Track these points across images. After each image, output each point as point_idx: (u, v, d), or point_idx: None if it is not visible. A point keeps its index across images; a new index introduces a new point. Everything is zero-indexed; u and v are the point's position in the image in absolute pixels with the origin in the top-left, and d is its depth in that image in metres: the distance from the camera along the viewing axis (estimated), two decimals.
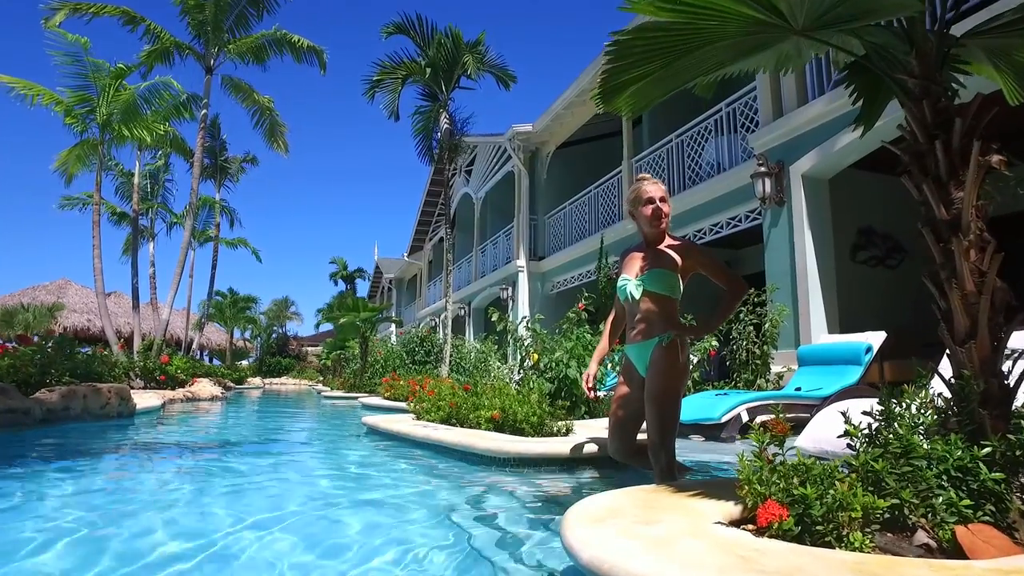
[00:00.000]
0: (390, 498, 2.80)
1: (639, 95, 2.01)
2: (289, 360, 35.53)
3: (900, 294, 7.75)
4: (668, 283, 2.78)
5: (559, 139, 15.37)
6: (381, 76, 10.51)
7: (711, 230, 9.49)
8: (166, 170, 20.28)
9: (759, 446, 1.58)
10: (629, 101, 2.01)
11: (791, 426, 2.03)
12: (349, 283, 39.63)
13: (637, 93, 1.96)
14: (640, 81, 1.88)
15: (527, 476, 3.11)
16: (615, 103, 1.96)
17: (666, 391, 2.72)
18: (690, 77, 2.05)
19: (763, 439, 1.59)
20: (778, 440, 1.61)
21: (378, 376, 14.13)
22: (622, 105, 2.00)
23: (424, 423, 4.65)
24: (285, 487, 3.13)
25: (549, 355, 5.73)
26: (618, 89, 1.88)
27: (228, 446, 4.76)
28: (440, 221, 25.61)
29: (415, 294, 31.55)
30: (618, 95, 1.91)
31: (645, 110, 2.15)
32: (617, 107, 2.01)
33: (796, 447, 3.79)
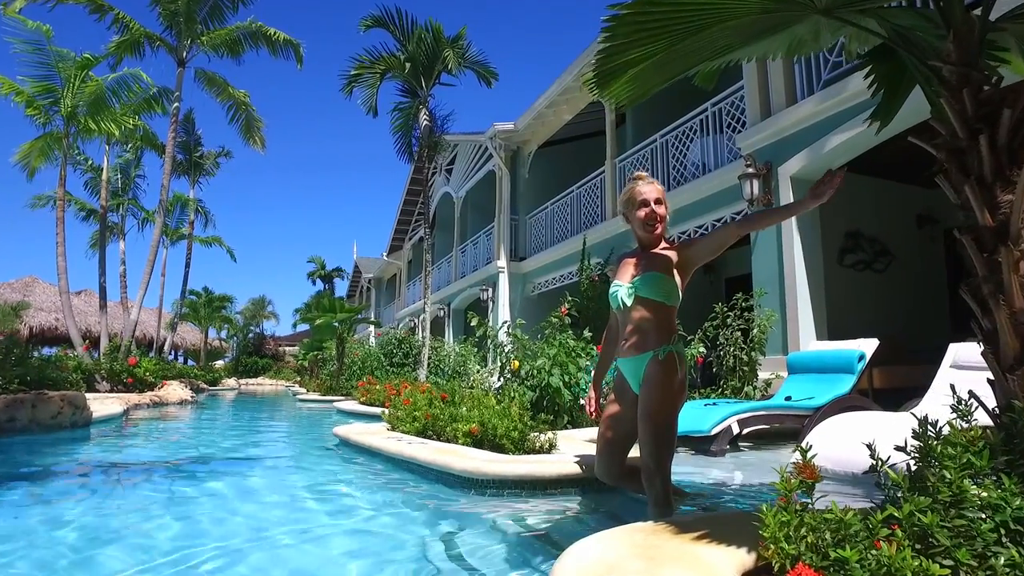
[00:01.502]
0: (356, 529, 2.54)
1: (638, 82, 1.77)
2: (266, 360, 34.83)
3: (887, 299, 7.64)
4: (663, 288, 2.53)
5: (541, 138, 15.15)
6: (359, 71, 10.17)
7: (696, 232, 9.31)
8: (137, 166, 19.67)
9: (784, 493, 1.34)
10: (626, 88, 1.77)
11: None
12: (327, 283, 39.03)
13: (636, 79, 1.72)
14: (640, 64, 1.64)
15: (508, 499, 2.86)
16: (611, 89, 1.72)
17: (661, 410, 2.48)
18: (695, 62, 1.82)
19: (791, 486, 1.35)
20: (807, 487, 1.38)
21: (355, 378, 13.78)
22: (619, 92, 1.76)
23: (398, 435, 4.38)
24: (238, 516, 2.83)
25: (531, 362, 5.49)
26: (615, 73, 1.64)
27: (184, 463, 4.44)
28: (420, 220, 25.26)
29: (394, 294, 31.14)
30: (615, 80, 1.67)
31: (642, 99, 1.91)
32: (613, 94, 1.77)
33: (792, 463, 3.59)
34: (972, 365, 4.14)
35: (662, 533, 1.71)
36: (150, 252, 13.66)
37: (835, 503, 1.30)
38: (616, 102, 1.87)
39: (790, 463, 1.44)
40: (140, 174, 20.12)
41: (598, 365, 2.98)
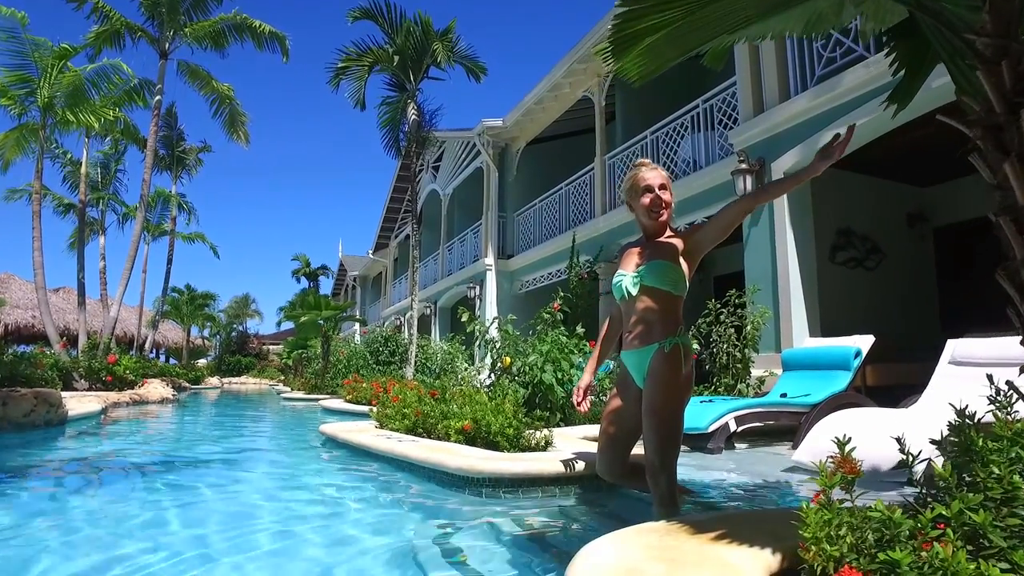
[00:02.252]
0: (344, 530, 2.41)
1: (652, 54, 1.67)
2: (249, 359, 34.43)
3: (878, 297, 7.62)
4: (670, 276, 2.43)
5: (530, 135, 15.05)
6: (346, 63, 9.99)
7: (686, 228, 9.25)
8: (118, 160, 19.28)
9: (825, 489, 1.24)
10: (640, 61, 1.67)
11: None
12: (312, 280, 38.62)
13: (650, 51, 1.62)
14: (657, 32, 1.53)
15: (505, 500, 2.75)
16: (624, 60, 1.62)
17: (667, 405, 2.38)
18: (710, 35, 1.72)
19: (831, 481, 1.25)
20: (848, 482, 1.28)
21: (340, 376, 13.59)
22: (631, 65, 1.66)
23: (388, 433, 4.25)
24: (218, 517, 2.69)
25: (522, 359, 5.38)
26: (631, 41, 1.53)
27: (164, 463, 4.28)
28: (407, 218, 25.05)
29: (379, 292, 30.88)
30: (630, 49, 1.56)
31: (654, 75, 1.81)
32: (626, 68, 1.67)
33: (795, 461, 3.52)
34: (970, 361, 4.10)
35: (676, 534, 1.61)
36: (131, 248, 13.39)
37: (880, 501, 1.20)
38: (629, 77, 1.77)
39: (828, 458, 1.34)
40: (121, 168, 19.75)
41: (593, 357, 2.87)
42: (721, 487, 3.19)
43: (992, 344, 4.03)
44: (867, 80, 5.78)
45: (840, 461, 1.29)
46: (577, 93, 12.61)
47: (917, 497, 1.46)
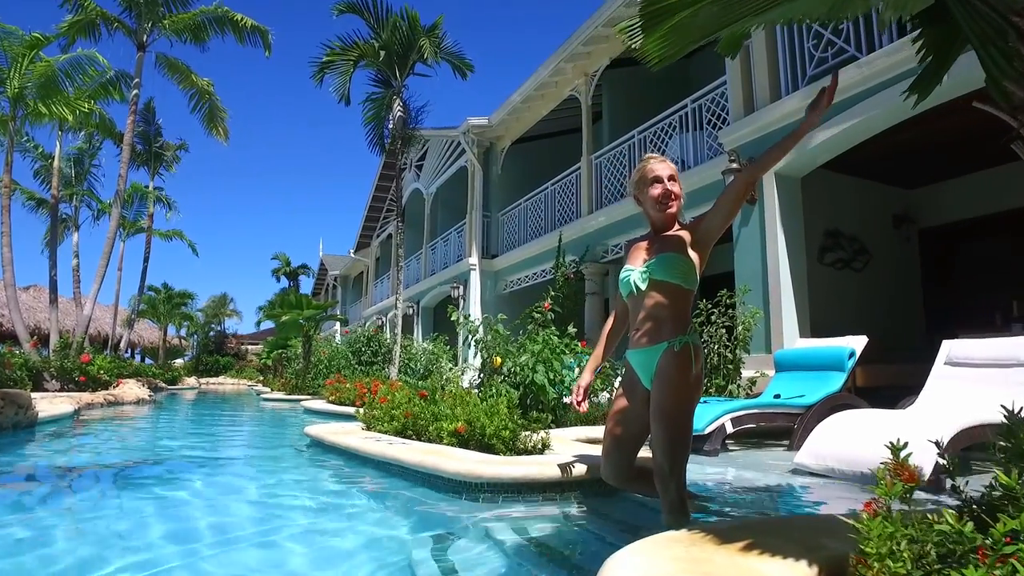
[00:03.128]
0: (333, 544, 2.28)
1: (677, 34, 1.57)
2: (227, 359, 33.87)
3: (865, 298, 7.64)
4: (680, 269, 2.33)
5: (515, 134, 14.95)
6: (331, 57, 9.79)
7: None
8: (92, 155, 18.80)
9: (884, 499, 1.15)
10: (663, 41, 1.57)
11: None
12: (292, 280, 38.09)
13: (676, 31, 1.51)
14: (688, 8, 1.43)
15: (503, 505, 2.64)
16: (649, 40, 1.51)
17: (677, 407, 2.28)
18: (738, 15, 1.62)
19: (892, 491, 1.16)
20: (907, 491, 1.18)
21: (321, 377, 13.37)
22: (654, 46, 1.56)
23: (377, 435, 4.11)
24: (199, 525, 2.54)
25: (514, 359, 5.27)
26: (662, 16, 1.43)
27: (140, 467, 4.10)
28: (389, 217, 24.80)
29: (361, 292, 30.58)
30: (662, 24, 1.46)
31: (674, 58, 1.71)
32: (648, 49, 1.57)
33: (796, 464, 3.45)
34: (966, 362, 4.08)
35: (703, 544, 1.50)
36: (106, 245, 13.02)
37: (947, 511, 1.10)
38: (649, 59, 1.67)
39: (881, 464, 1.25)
40: (96, 164, 19.24)
41: (594, 355, 2.77)
42: (723, 490, 3.11)
43: (988, 345, 4.01)
44: (859, 80, 5.77)
45: (897, 467, 1.19)
46: (564, 92, 12.54)
47: (964, 506, 1.37)
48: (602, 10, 9.97)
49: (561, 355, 5.28)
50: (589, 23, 10.38)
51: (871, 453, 3.06)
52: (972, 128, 6.56)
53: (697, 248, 2.37)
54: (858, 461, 3.06)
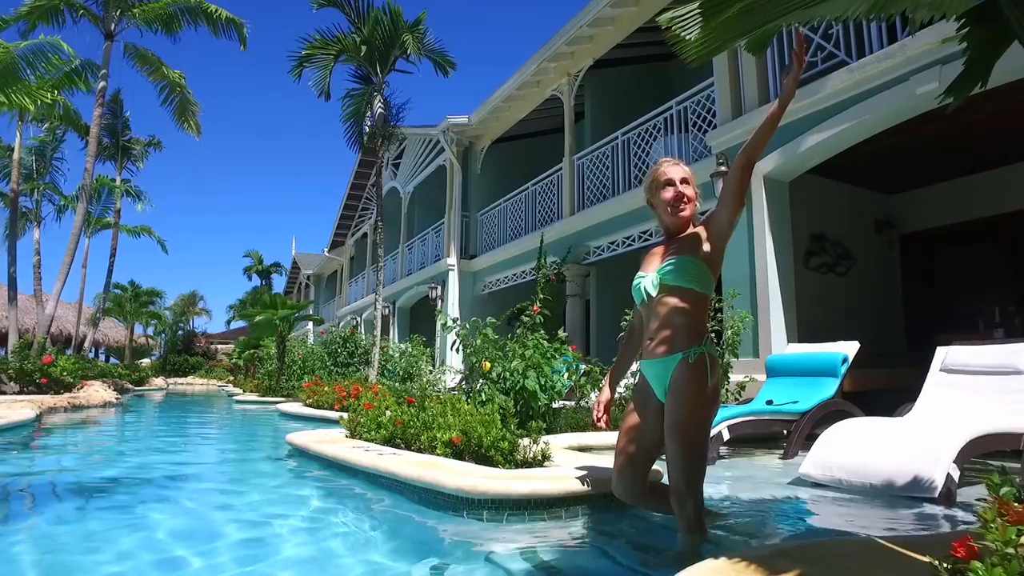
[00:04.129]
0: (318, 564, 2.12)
1: (719, 31, 1.46)
2: (196, 359, 33.04)
3: (849, 302, 7.67)
4: (692, 272, 2.22)
5: (495, 133, 14.82)
6: (311, 51, 9.53)
7: (658, 231, 9.17)
8: (55, 147, 18.12)
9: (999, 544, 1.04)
10: (707, 35, 1.45)
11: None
12: (265, 278, 37.36)
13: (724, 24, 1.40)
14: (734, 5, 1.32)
15: (508, 523, 2.49)
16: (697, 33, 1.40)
17: (693, 422, 2.18)
18: (783, 11, 1.52)
19: (1006, 537, 1.04)
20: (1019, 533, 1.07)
21: (295, 378, 13.07)
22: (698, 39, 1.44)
23: (364, 444, 3.94)
24: (173, 542, 2.35)
25: (503, 363, 5.13)
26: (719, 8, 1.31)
27: (109, 478, 3.85)
28: (364, 216, 24.46)
29: (334, 291, 30.14)
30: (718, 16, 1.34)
31: (712, 55, 1.61)
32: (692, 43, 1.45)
33: (802, 475, 3.38)
34: (962, 368, 4.06)
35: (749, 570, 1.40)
36: (70, 241, 12.52)
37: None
38: (688, 56, 1.56)
39: (981, 502, 1.14)
40: (59, 156, 18.57)
41: (614, 367, 2.67)
42: (732, 504, 3.01)
43: (984, 352, 4.00)
44: (850, 85, 5.76)
45: (1001, 504, 1.08)
46: (546, 92, 12.44)
47: None
48: (588, 9, 9.89)
49: (552, 360, 5.16)
50: (574, 22, 10.29)
51: (879, 464, 3.00)
52: (952, 135, 6.63)
53: (712, 246, 2.27)
54: (866, 472, 2.99)
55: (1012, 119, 6.24)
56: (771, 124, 2.14)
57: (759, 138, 2.17)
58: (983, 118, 6.08)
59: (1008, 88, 4.98)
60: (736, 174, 2.17)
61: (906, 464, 2.87)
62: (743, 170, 2.16)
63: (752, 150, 2.17)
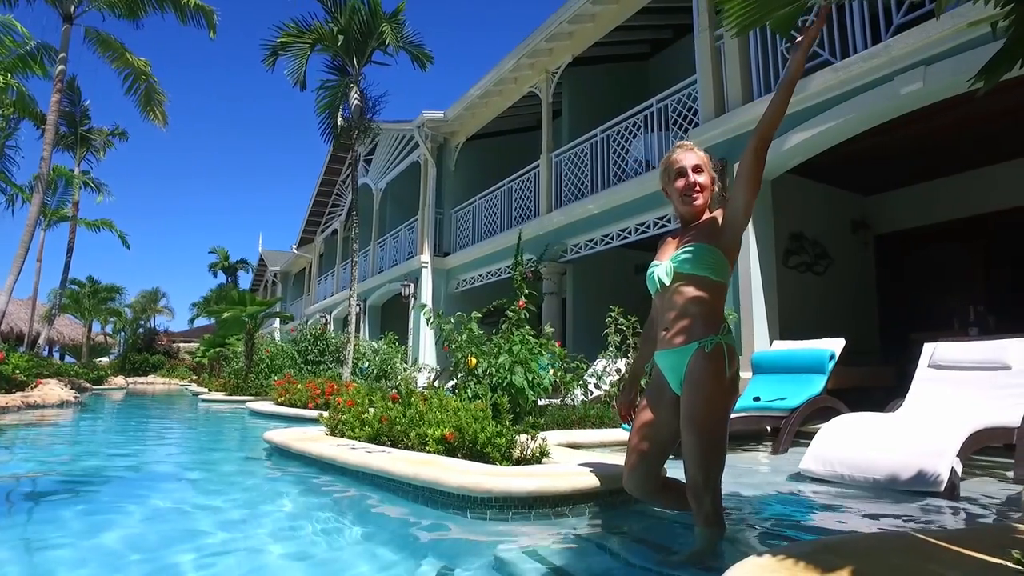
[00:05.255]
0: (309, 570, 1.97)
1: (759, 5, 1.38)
2: (158, 357, 32.05)
3: (826, 301, 7.76)
4: (707, 259, 2.14)
5: (470, 130, 14.68)
6: (286, 39, 9.25)
7: (637, 229, 9.17)
8: (8, 135, 17.34)
9: None
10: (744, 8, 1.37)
11: None
12: (231, 275, 36.45)
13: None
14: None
15: (514, 522, 2.38)
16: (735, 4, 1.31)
17: (711, 415, 2.10)
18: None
19: None
20: None
21: (263, 377, 12.73)
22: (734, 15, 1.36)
23: (348, 442, 3.79)
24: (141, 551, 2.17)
25: (489, 360, 5.01)
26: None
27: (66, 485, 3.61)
28: (334, 212, 24.04)
29: (302, 289, 29.59)
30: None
31: (748, 30, 1.53)
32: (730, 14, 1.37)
33: (803, 470, 3.34)
34: (950, 364, 4.09)
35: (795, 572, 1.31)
36: (25, 233, 11.97)
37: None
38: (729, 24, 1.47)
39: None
40: (11, 145, 17.75)
41: (635, 364, 2.59)
42: (734, 500, 2.94)
43: (971, 348, 4.04)
44: (835, 84, 5.79)
45: None
46: (523, 88, 12.35)
47: None
48: (569, 4, 9.82)
49: (538, 356, 5.07)
50: (555, 18, 10.22)
51: (882, 459, 2.98)
52: (928, 138, 6.74)
53: (726, 233, 2.19)
54: (869, 467, 2.97)
55: (983, 122, 6.37)
56: (782, 102, 2.05)
57: (774, 115, 2.08)
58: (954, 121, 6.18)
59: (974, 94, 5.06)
60: (750, 156, 2.08)
61: (910, 459, 2.85)
62: (756, 152, 2.07)
63: (766, 129, 2.07)
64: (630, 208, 9.14)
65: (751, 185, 2.13)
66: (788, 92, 2.05)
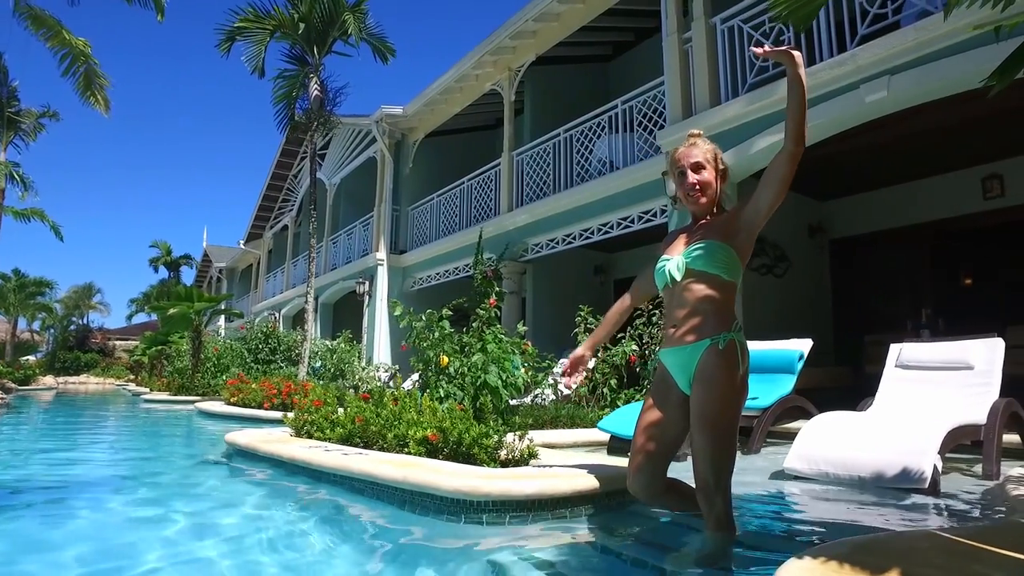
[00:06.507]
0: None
1: None
2: (91, 355, 30.48)
3: (786, 303, 7.94)
4: (721, 258, 2.11)
5: (429, 126, 14.48)
6: (243, 24, 8.88)
7: (599, 230, 9.20)
8: None
9: None
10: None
11: None
12: (173, 270, 34.93)
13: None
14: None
15: (511, 526, 2.28)
16: None
17: (724, 414, 2.05)
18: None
19: None
20: None
21: (210, 376, 12.23)
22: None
23: (321, 444, 3.61)
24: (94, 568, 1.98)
25: (461, 359, 4.90)
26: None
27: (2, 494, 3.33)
28: (284, 207, 23.36)
29: (249, 286, 28.65)
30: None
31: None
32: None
33: (787, 469, 3.36)
34: (917, 364, 4.20)
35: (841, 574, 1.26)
36: None
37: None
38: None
39: None
40: None
41: (597, 330, 2.59)
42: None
43: (936, 348, 4.16)
44: None
45: None
46: (484, 86, 12.24)
47: None
48: (535, 3, 9.77)
49: (511, 355, 4.98)
50: (520, 15, 10.16)
51: (866, 457, 3.02)
52: (885, 145, 6.97)
53: (742, 233, 2.16)
54: (854, 466, 3.00)
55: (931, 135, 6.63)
56: (797, 109, 1.99)
57: (796, 125, 2.02)
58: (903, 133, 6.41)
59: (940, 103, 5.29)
60: (787, 162, 2.01)
61: (895, 457, 2.89)
62: (794, 158, 2.01)
63: (800, 136, 2.02)
64: (593, 208, 9.16)
65: (782, 188, 2.08)
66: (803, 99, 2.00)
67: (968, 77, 4.80)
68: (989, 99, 2.06)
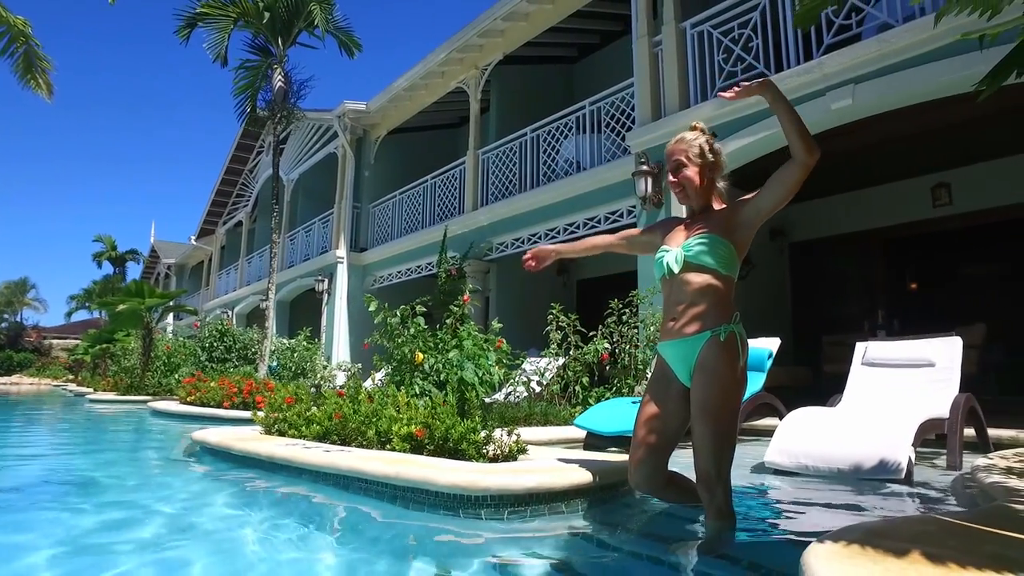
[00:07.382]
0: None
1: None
2: (24, 354, 28.99)
3: (749, 304, 8.12)
4: (722, 254, 2.14)
5: (392, 123, 14.31)
6: (205, 10, 8.58)
7: (566, 230, 9.24)
8: None
9: None
10: None
11: None
12: (118, 266, 33.49)
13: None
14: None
15: (510, 521, 2.25)
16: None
17: (725, 405, 2.08)
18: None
19: None
20: None
21: (161, 375, 11.78)
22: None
23: (298, 442, 3.51)
24: None
25: (436, 355, 4.84)
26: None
27: None
28: (239, 203, 22.72)
29: (199, 283, 27.75)
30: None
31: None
32: None
33: (768, 462, 3.43)
34: (882, 362, 4.36)
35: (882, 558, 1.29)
36: None
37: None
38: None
39: None
40: None
41: (577, 241, 2.68)
42: None
43: (900, 347, 4.32)
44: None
45: None
46: (450, 84, 12.17)
47: None
48: (503, 2, 9.77)
49: (487, 352, 4.95)
50: (488, 14, 10.14)
51: (845, 450, 3.11)
52: (849, 152, 7.22)
53: (740, 229, 2.20)
54: (833, 458, 3.09)
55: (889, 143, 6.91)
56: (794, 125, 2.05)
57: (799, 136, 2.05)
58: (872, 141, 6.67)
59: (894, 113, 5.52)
60: (799, 170, 2.04)
61: (872, 450, 2.99)
62: (807, 168, 2.04)
63: (810, 146, 2.04)
64: (559, 208, 9.20)
65: (787, 194, 2.12)
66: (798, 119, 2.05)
67: (929, 88, 5.01)
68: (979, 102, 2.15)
